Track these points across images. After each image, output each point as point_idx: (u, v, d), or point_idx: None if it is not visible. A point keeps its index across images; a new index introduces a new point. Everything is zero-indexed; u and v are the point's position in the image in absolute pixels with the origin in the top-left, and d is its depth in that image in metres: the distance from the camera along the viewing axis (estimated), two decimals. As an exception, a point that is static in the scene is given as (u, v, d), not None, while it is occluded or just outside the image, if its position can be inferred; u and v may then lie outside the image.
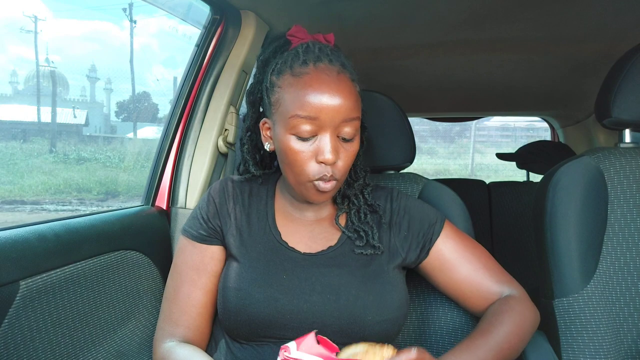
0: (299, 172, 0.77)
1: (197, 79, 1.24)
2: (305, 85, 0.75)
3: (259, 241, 0.85)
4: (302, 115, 0.74)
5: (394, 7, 1.29)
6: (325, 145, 0.75)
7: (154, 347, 0.86)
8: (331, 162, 0.75)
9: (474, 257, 0.87)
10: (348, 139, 0.78)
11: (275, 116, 0.79)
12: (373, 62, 1.82)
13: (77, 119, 9.19)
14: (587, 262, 0.95)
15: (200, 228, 0.86)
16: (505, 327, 0.81)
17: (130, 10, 6.89)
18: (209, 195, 0.89)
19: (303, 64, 0.77)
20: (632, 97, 0.96)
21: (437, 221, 0.88)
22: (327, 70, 0.76)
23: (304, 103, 0.74)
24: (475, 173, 13.25)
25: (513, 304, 0.84)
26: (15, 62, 10.27)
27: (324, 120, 0.75)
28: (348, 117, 0.76)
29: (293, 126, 0.75)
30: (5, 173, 5.54)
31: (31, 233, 0.84)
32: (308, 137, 0.76)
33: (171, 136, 1.23)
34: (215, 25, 1.24)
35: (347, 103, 0.76)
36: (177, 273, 0.86)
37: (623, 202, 0.96)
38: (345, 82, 0.77)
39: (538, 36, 1.49)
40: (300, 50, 0.79)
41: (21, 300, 0.78)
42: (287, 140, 0.77)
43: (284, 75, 0.78)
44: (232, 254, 0.85)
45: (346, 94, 0.76)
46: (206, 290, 0.85)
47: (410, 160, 1.12)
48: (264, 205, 0.89)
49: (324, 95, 0.74)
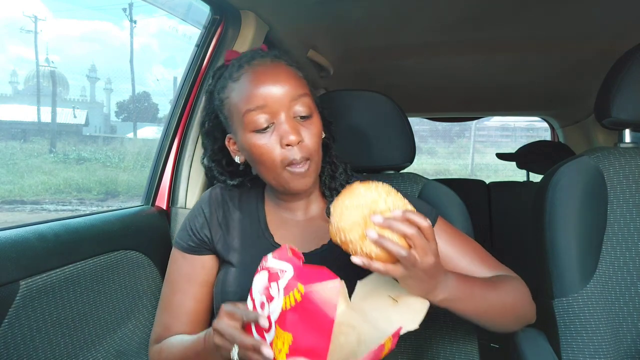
0: (271, 165, 0.79)
1: (197, 79, 1.24)
2: (245, 82, 0.79)
3: (253, 245, 0.87)
4: (252, 107, 0.77)
5: (394, 7, 1.29)
6: (284, 128, 0.77)
7: (149, 349, 0.90)
8: (295, 142, 0.77)
9: (468, 250, 0.87)
10: (305, 116, 0.80)
11: (234, 125, 0.82)
12: (373, 62, 1.82)
13: (77, 119, 9.18)
14: (587, 262, 0.95)
15: (189, 240, 0.89)
16: (507, 290, 0.81)
17: (130, 10, 6.89)
18: (199, 206, 0.91)
19: (239, 68, 0.81)
20: (632, 97, 0.96)
21: (431, 216, 0.88)
22: (261, 63, 0.81)
23: (249, 96, 0.78)
24: (475, 173, 13.24)
25: (517, 282, 0.85)
26: (15, 62, 10.27)
27: (272, 105, 0.77)
28: (295, 95, 0.78)
29: (248, 122, 0.78)
30: (5, 173, 5.53)
31: (31, 233, 0.84)
32: (266, 126, 0.78)
33: (171, 136, 1.23)
34: (215, 25, 1.24)
35: (289, 83, 0.79)
36: (170, 282, 0.89)
37: (622, 202, 0.96)
38: (281, 66, 0.81)
39: (538, 36, 1.49)
40: (234, 61, 0.84)
41: (21, 300, 0.78)
42: (249, 139, 0.79)
43: (226, 87, 0.82)
44: (227, 260, 0.87)
45: (285, 75, 0.79)
46: (197, 299, 0.88)
47: (410, 160, 1.12)
48: (255, 209, 0.90)
49: (265, 83, 0.78)
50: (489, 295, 0.78)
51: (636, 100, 0.96)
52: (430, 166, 13.03)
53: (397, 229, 0.62)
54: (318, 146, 0.82)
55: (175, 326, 0.87)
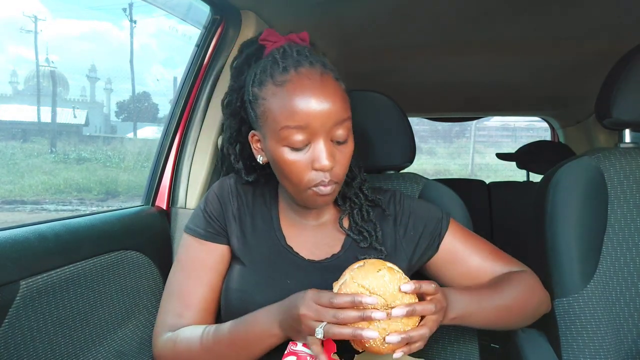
0: (297, 182, 0.75)
1: (197, 79, 1.23)
2: (289, 94, 0.72)
3: (263, 243, 0.84)
4: (292, 125, 0.72)
5: (394, 7, 1.29)
6: (320, 153, 0.73)
7: (154, 341, 0.84)
8: (329, 168, 0.73)
9: (481, 247, 0.88)
10: (342, 142, 0.76)
11: (264, 129, 0.76)
12: (373, 62, 1.82)
13: (77, 119, 9.18)
14: (587, 262, 0.94)
15: (208, 226, 0.85)
16: (513, 290, 0.81)
17: (130, 10, 6.89)
18: (214, 194, 0.87)
19: (284, 71, 0.74)
20: (632, 97, 0.96)
21: (444, 217, 0.89)
22: (309, 74, 0.73)
23: (292, 113, 0.71)
24: (475, 173, 13.24)
25: (524, 276, 0.85)
26: (15, 62, 10.27)
27: (315, 128, 0.72)
28: (339, 120, 0.73)
29: (284, 137, 0.73)
30: (5, 173, 5.54)
31: (31, 233, 0.84)
32: (301, 146, 0.73)
33: (171, 136, 1.23)
34: (215, 25, 1.24)
35: (336, 105, 0.73)
36: (182, 270, 0.85)
37: (623, 203, 0.96)
38: (330, 83, 0.74)
39: (538, 36, 1.49)
40: (277, 57, 0.76)
41: (21, 300, 0.78)
42: (281, 153, 0.74)
43: (266, 85, 0.75)
44: (236, 256, 0.84)
45: (333, 96, 0.73)
46: (212, 287, 0.83)
47: (410, 160, 1.12)
48: (268, 206, 0.88)
49: (311, 102, 0.71)
50: (497, 300, 0.79)
51: (637, 100, 0.96)
52: (430, 166, 13.03)
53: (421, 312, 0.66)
54: (347, 170, 0.79)
55: (187, 315, 0.82)
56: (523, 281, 0.83)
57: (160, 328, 0.83)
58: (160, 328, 0.83)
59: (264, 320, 0.73)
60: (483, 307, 0.77)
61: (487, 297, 0.79)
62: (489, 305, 0.78)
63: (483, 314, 0.78)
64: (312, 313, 0.65)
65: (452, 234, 0.87)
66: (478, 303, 0.77)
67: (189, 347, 0.78)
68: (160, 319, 0.84)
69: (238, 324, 0.76)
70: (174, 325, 0.82)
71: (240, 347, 0.74)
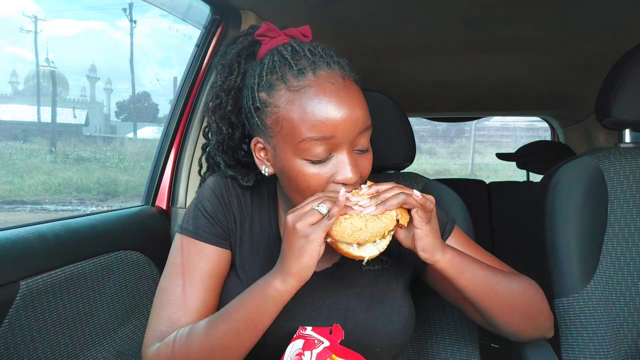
0: (310, 194, 0.67)
1: (197, 79, 1.24)
2: (310, 101, 0.64)
3: (262, 254, 0.78)
4: (315, 137, 0.64)
5: (393, 7, 1.29)
6: (344, 165, 0.65)
7: (143, 350, 0.73)
8: (354, 181, 0.66)
9: (482, 257, 0.82)
10: (364, 150, 0.69)
11: (276, 139, 0.68)
12: (373, 62, 1.82)
13: (77, 119, 9.19)
14: (587, 262, 0.94)
15: (212, 229, 0.76)
16: (508, 282, 0.74)
17: (130, 10, 6.89)
18: (212, 192, 0.78)
19: (300, 75, 0.65)
20: (632, 97, 0.96)
21: (448, 222, 0.83)
22: (330, 78, 0.65)
23: (315, 123, 0.63)
24: (475, 173, 13.26)
25: (524, 279, 0.78)
26: (15, 62, 10.27)
27: (340, 138, 0.64)
28: (364, 127, 0.67)
29: (304, 150, 0.65)
30: (5, 173, 5.54)
31: (31, 233, 0.84)
32: (323, 159, 0.66)
33: (171, 136, 1.23)
34: (215, 25, 1.24)
35: (362, 112, 0.66)
36: (180, 274, 0.75)
37: (623, 202, 0.96)
38: (352, 87, 0.67)
39: (538, 36, 1.49)
40: (287, 56, 0.67)
41: (21, 300, 0.78)
42: (299, 166, 0.66)
43: (277, 91, 0.66)
44: (234, 265, 0.78)
45: (358, 101, 0.66)
46: (214, 294, 0.75)
47: (410, 160, 1.12)
48: (266, 211, 0.80)
49: (337, 110, 0.63)
50: (490, 276, 0.72)
51: (636, 100, 0.96)
52: (430, 166, 13.04)
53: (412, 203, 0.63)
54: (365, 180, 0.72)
55: (183, 322, 0.72)
56: (529, 286, 0.77)
57: (153, 336, 0.73)
58: (154, 336, 0.73)
59: (263, 279, 0.67)
60: (473, 270, 0.70)
61: (480, 266, 0.72)
62: (480, 273, 0.71)
63: (472, 274, 0.70)
64: (299, 220, 0.61)
65: (454, 240, 0.82)
66: (468, 262, 0.70)
67: (189, 341, 0.69)
68: (152, 328, 0.73)
69: (241, 295, 0.69)
70: (167, 334, 0.72)
71: (251, 315, 0.66)
